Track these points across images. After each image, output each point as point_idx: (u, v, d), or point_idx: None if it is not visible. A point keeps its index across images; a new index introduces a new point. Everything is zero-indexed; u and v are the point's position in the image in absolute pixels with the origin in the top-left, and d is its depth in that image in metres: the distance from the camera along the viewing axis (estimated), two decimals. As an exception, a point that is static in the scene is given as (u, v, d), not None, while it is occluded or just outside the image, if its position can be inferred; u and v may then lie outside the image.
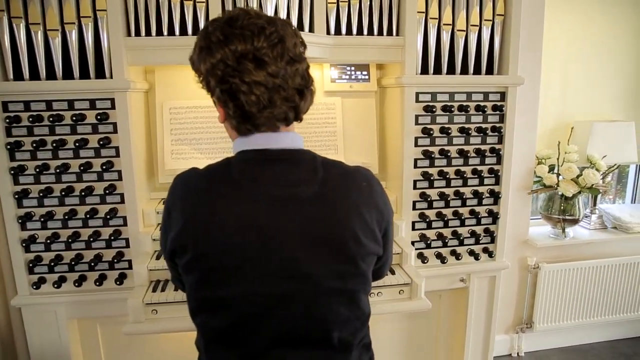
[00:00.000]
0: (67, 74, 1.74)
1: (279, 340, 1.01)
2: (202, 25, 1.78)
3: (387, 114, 2.17)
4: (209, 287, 1.00)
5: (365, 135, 2.16)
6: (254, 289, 0.98)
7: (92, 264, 1.82)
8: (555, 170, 2.61)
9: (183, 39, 1.78)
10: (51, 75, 1.73)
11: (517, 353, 2.84)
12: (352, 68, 2.11)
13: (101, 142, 1.74)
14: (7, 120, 1.69)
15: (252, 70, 0.94)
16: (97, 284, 1.84)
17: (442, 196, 2.02)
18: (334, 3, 1.85)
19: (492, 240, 2.13)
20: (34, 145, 1.71)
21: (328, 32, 1.86)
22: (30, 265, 1.79)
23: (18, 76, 1.72)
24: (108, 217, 1.80)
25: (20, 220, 1.75)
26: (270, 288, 0.97)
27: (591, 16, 2.69)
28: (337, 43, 1.86)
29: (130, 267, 1.88)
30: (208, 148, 2.03)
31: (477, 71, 2.00)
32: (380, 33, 1.92)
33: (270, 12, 1.69)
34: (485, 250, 2.12)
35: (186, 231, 0.98)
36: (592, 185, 2.53)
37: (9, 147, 1.70)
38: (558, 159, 2.57)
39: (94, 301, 1.86)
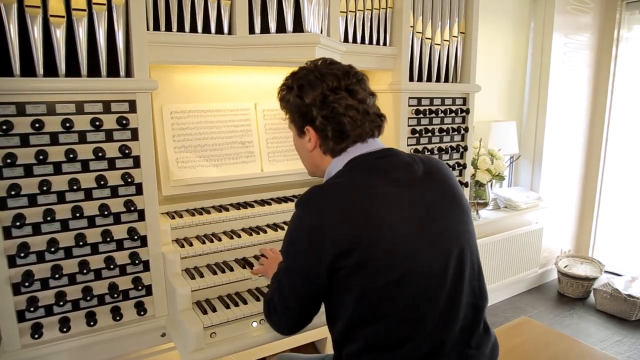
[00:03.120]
0: (71, 71, 1.44)
1: (446, 303, 1.12)
2: (225, 24, 1.69)
3: (369, 117, 2.33)
4: (384, 272, 1.06)
5: (352, 138, 2.28)
6: (424, 257, 1.09)
7: (112, 296, 1.54)
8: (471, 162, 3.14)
9: (208, 37, 1.66)
10: (50, 71, 1.41)
11: (448, 321, 3.31)
12: (341, 74, 2.21)
13: (126, 152, 1.49)
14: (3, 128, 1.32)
15: (347, 97, 1.18)
16: (117, 318, 1.56)
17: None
18: (345, 12, 1.95)
19: (458, 224, 2.48)
20: (41, 158, 1.37)
21: (340, 40, 1.95)
22: (31, 309, 1.42)
23: (5, 71, 1.36)
24: (130, 238, 1.54)
25: (21, 254, 1.37)
26: (435, 252, 1.11)
27: (486, 34, 3.31)
28: (348, 50, 1.96)
29: (149, 294, 1.64)
30: (213, 155, 1.89)
31: (446, 79, 2.33)
32: (377, 43, 2.08)
33: (308, 19, 1.69)
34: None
35: (349, 230, 1.06)
36: (499, 173, 3.14)
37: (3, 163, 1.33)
38: (478, 153, 3.11)
39: (108, 340, 1.57)
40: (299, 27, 1.70)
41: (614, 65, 3.76)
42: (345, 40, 1.99)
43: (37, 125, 1.36)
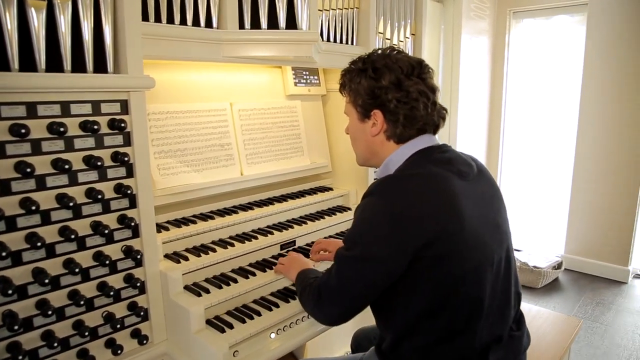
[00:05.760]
0: (52, 66, 1.20)
1: (502, 294, 1.21)
2: (215, 19, 1.56)
3: (334, 116, 2.32)
4: (462, 262, 1.11)
5: (319, 137, 2.28)
6: (489, 249, 1.17)
7: (113, 327, 1.33)
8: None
9: (204, 31, 1.53)
10: (27, 66, 1.16)
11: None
12: (307, 72, 2.19)
13: (124, 159, 1.30)
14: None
15: (421, 83, 1.21)
16: (118, 352, 1.35)
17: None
18: (322, 11, 1.93)
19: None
20: (28, 171, 1.12)
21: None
22: (19, 358, 1.15)
23: (-30, 65, 1.09)
24: (131, 258, 1.35)
25: (8, 292, 1.10)
26: (495, 245, 1.19)
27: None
28: (325, 49, 1.94)
29: (145, 319, 1.45)
30: (194, 159, 1.74)
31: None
32: (346, 42, 2.10)
33: (301, 16, 1.64)
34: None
35: (435, 219, 1.08)
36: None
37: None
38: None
39: (105, 379, 1.35)
40: (291, 24, 1.64)
41: (506, 66, 4.30)
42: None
43: (22, 131, 1.11)
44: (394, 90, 1.17)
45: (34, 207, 1.14)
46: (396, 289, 1.15)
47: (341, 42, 2.08)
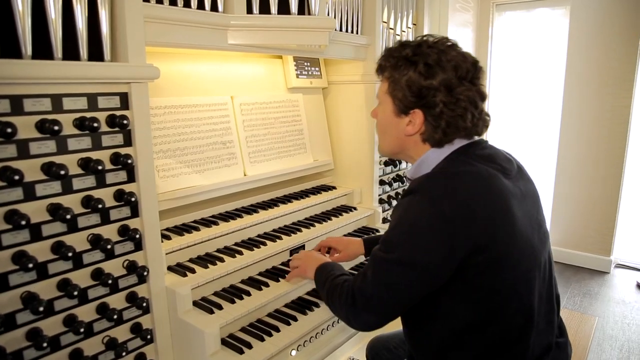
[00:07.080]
0: (40, 52, 1.01)
1: (547, 298, 1.13)
2: (220, 1, 1.38)
3: (335, 110, 2.19)
4: (513, 268, 1.02)
5: (320, 132, 2.14)
6: (537, 251, 1.07)
7: (118, 355, 1.15)
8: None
9: (207, 14, 1.34)
10: (9, 52, 0.97)
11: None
12: (308, 64, 2.04)
13: (128, 161, 1.12)
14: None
15: (472, 89, 1.07)
16: (123, 383, 1.17)
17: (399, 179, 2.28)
18: (328, -4, 1.78)
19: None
20: (15, 179, 0.93)
21: (325, 25, 1.77)
22: (9, 399, 0.97)
23: (-61, 50, 0.89)
24: (137, 274, 1.17)
25: (-5, 323, 0.92)
26: (541, 246, 1.10)
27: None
28: (332, 38, 1.80)
29: (150, 342, 1.28)
30: (195, 159, 1.57)
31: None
32: (352, 31, 1.96)
33: (315, 1, 1.49)
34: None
35: (487, 223, 0.98)
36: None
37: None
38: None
39: (107, 415, 1.18)
40: (302, 9, 1.49)
41: (489, 59, 4.27)
42: (325, 26, 1.82)
43: (7, 130, 0.92)
44: (444, 93, 1.04)
45: (23, 222, 0.96)
46: (438, 298, 1.03)
47: (346, 30, 1.94)
